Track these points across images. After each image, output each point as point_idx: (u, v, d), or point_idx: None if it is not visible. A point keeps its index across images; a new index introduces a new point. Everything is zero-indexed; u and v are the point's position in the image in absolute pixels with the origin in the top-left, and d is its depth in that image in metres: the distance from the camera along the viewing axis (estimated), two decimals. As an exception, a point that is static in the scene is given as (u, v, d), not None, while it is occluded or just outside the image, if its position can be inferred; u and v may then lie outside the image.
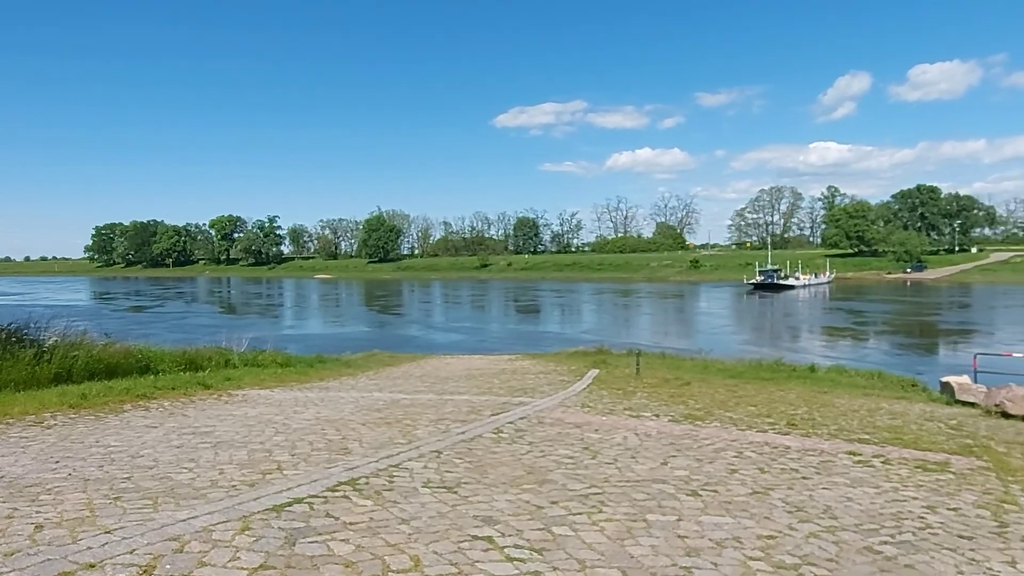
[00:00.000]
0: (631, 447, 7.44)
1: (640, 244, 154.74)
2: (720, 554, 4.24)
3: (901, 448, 7.96)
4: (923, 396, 14.31)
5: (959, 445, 8.28)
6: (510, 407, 10.02)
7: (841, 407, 11.41)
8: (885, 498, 5.76)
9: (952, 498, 5.85)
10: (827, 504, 5.48)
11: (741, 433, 8.57)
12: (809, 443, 8.06)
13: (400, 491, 5.29)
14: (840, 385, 15.73)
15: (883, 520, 5.13)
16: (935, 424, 9.95)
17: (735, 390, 13.28)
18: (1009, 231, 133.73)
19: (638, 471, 6.34)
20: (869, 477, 6.48)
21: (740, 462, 6.90)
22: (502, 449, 7.05)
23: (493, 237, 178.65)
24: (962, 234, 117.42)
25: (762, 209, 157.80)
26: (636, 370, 15.78)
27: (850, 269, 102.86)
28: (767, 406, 11.10)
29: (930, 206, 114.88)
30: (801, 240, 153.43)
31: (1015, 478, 6.68)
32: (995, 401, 11.50)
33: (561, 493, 5.45)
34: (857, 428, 9.26)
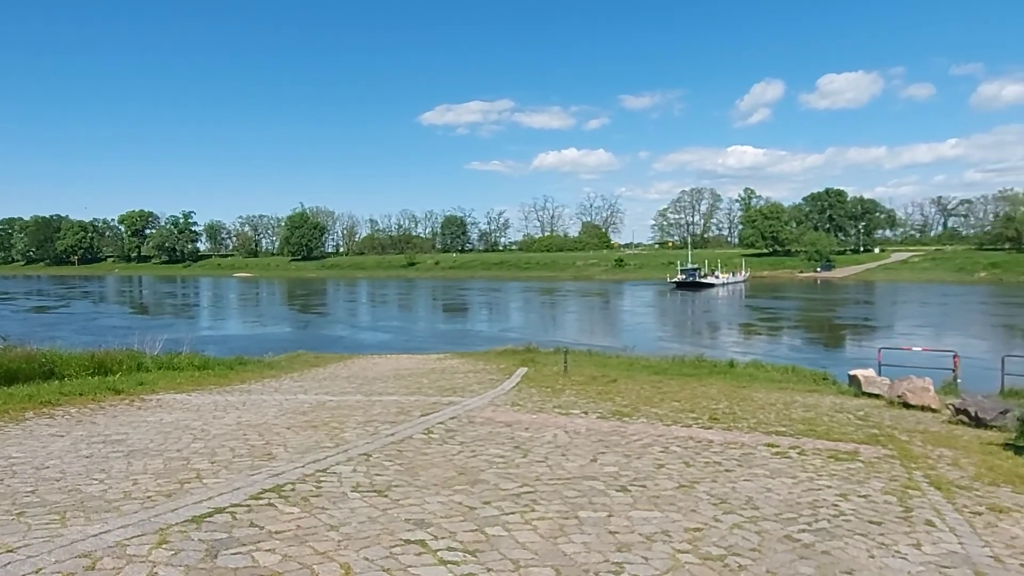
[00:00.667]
0: (561, 445, 7.51)
1: (566, 243, 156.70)
2: (650, 548, 4.33)
3: (815, 439, 8.35)
4: (833, 389, 15.09)
5: (867, 435, 8.76)
6: (440, 407, 9.95)
7: (759, 401, 11.88)
8: (802, 488, 6.02)
9: (862, 485, 6.17)
10: (749, 495, 5.69)
11: (667, 428, 8.80)
12: (731, 436, 8.35)
13: (328, 496, 5.15)
14: (758, 380, 16.38)
15: (801, 509, 5.36)
16: (845, 415, 10.49)
17: (660, 386, 13.62)
18: (907, 233, 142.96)
19: (569, 468, 6.40)
20: (787, 468, 6.76)
21: (667, 457, 7.08)
22: (433, 450, 6.98)
23: (420, 235, 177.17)
24: (866, 235, 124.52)
25: (683, 209, 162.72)
26: (564, 368, 15.96)
27: (765, 268, 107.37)
28: (690, 401, 11.44)
29: (837, 208, 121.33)
30: (720, 240, 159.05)
31: (917, 464, 7.12)
32: (897, 392, 12.23)
33: (493, 493, 5.44)
34: (774, 421, 9.66)
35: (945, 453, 7.76)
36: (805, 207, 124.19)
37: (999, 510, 5.55)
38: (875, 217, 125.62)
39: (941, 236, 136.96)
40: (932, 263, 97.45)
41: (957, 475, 6.73)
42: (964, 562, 4.34)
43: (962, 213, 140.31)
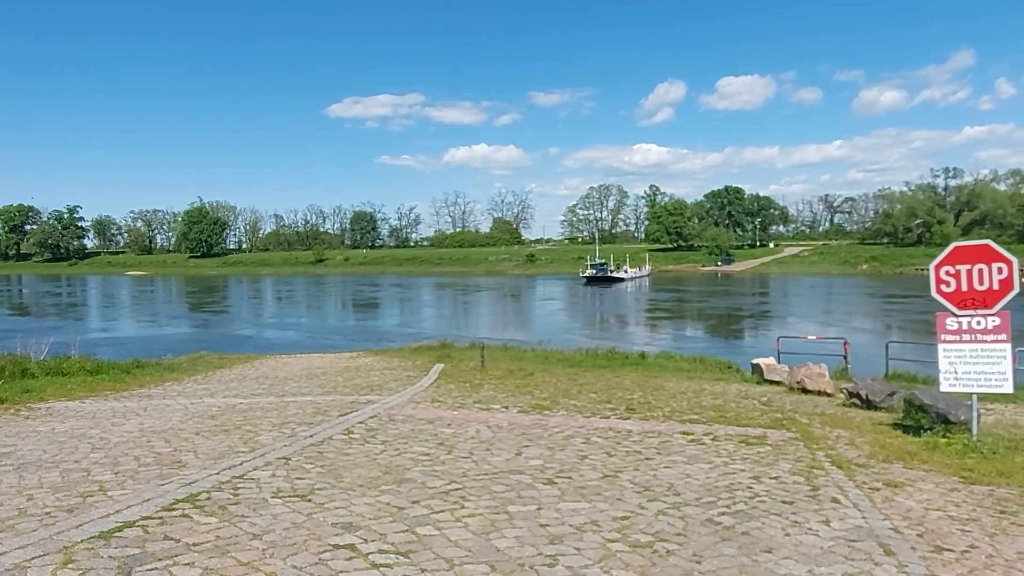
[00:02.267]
0: (485, 440, 7.51)
1: (478, 238, 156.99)
2: (581, 539, 4.39)
3: (725, 425, 8.73)
4: (738, 377, 15.82)
5: (772, 420, 9.24)
6: (358, 406, 9.72)
7: (671, 390, 12.31)
8: (718, 472, 6.28)
9: (772, 468, 6.50)
10: (670, 482, 5.87)
11: (587, 420, 8.96)
12: (648, 426, 8.60)
13: (248, 504, 4.92)
14: (668, 370, 16.97)
15: (719, 493, 5.58)
16: (750, 402, 11.03)
17: (576, 379, 13.87)
18: (798, 228, 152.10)
19: (495, 463, 6.40)
20: (702, 454, 7.03)
21: (589, 448, 7.20)
22: (355, 450, 6.81)
23: (329, 231, 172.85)
24: (762, 230, 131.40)
25: (592, 206, 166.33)
26: (481, 363, 15.98)
27: (670, 262, 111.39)
28: (607, 393, 11.70)
29: (736, 205, 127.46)
30: (628, 235, 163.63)
31: (819, 446, 7.57)
32: (796, 379, 12.97)
33: (421, 491, 5.36)
34: (687, 409, 10.02)
35: (842, 434, 8.28)
36: (706, 204, 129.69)
37: (894, 485, 5.97)
38: (770, 213, 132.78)
39: (828, 231, 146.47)
40: (820, 257, 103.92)
41: (855, 454, 7.19)
42: (869, 535, 4.64)
43: (846, 210, 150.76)
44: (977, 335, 7.35)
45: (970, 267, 7.36)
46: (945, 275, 7.53)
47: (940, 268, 7.57)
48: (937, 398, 8.51)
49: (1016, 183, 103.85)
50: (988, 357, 7.31)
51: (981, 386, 7.43)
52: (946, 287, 7.53)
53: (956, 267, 7.46)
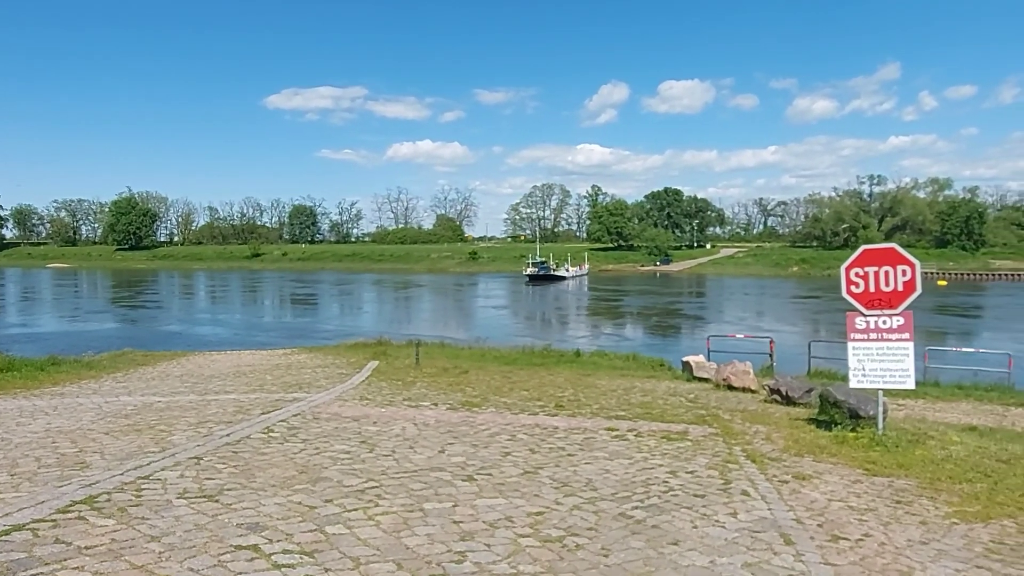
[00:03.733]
0: (409, 437, 7.44)
1: (421, 235, 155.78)
2: (493, 535, 4.39)
3: (650, 422, 8.91)
4: (669, 374, 16.18)
5: (696, 416, 9.48)
6: (283, 404, 9.50)
7: (602, 388, 12.48)
8: (637, 467, 6.39)
9: (689, 462, 6.66)
10: (589, 477, 5.95)
11: (514, 417, 8.99)
12: (574, 422, 8.70)
13: (150, 505, 4.74)
14: (601, 368, 17.21)
15: (635, 487, 5.68)
16: (678, 399, 11.29)
17: (510, 376, 13.92)
18: (734, 230, 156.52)
19: (416, 461, 6.36)
20: (624, 450, 7.15)
21: (513, 445, 7.23)
22: (273, 449, 6.64)
23: (266, 225, 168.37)
24: (699, 232, 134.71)
25: (535, 204, 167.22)
26: (416, 360, 15.85)
27: (611, 262, 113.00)
28: (538, 390, 11.78)
29: (675, 207, 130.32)
30: (570, 234, 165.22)
31: (737, 441, 7.80)
32: (723, 376, 13.35)
33: (336, 490, 5.27)
34: (615, 406, 10.18)
35: (760, 429, 8.56)
36: (646, 204, 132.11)
37: (802, 478, 6.21)
38: (707, 215, 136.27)
39: (762, 234, 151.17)
40: (753, 258, 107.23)
41: (769, 448, 7.45)
42: (772, 526, 4.81)
43: (779, 214, 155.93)
44: (883, 334, 7.71)
45: (877, 269, 7.71)
46: (855, 276, 7.86)
47: (850, 270, 7.90)
48: (849, 394, 8.87)
49: (934, 191, 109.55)
50: (893, 355, 7.67)
51: (887, 382, 7.79)
52: (856, 288, 7.86)
53: (865, 269, 7.80)
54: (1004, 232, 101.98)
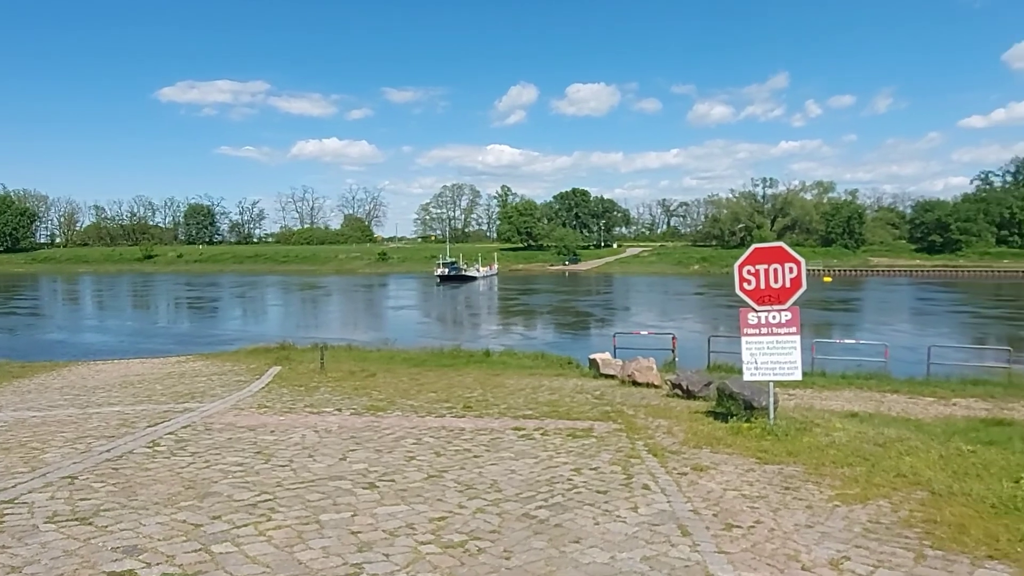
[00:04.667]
0: (309, 445, 7.17)
1: (328, 236, 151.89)
2: (392, 544, 4.27)
3: (557, 420, 8.98)
4: (577, 372, 16.42)
5: (601, 412, 9.64)
6: (173, 415, 8.95)
7: (511, 387, 12.51)
8: (542, 466, 6.41)
9: (593, 459, 6.74)
10: (494, 479, 5.90)
11: (421, 420, 8.85)
12: (481, 423, 8.64)
13: (12, 532, 4.31)
14: (510, 367, 17.26)
15: (539, 487, 5.69)
16: (584, 396, 11.45)
17: (418, 378, 13.73)
18: (639, 230, 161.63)
19: (315, 470, 6.12)
20: (530, 449, 7.16)
21: (418, 448, 7.10)
22: (158, 464, 6.22)
23: (160, 225, 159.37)
24: (606, 231, 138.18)
25: (445, 204, 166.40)
26: (321, 364, 15.37)
27: (521, 262, 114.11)
28: (446, 391, 11.67)
29: (583, 207, 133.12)
30: (480, 234, 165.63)
31: (639, 435, 7.97)
32: (628, 372, 13.66)
33: (225, 506, 4.98)
34: (523, 405, 10.21)
35: (662, 423, 8.80)
36: (555, 205, 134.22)
37: (700, 469, 6.40)
38: (613, 216, 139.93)
39: (665, 234, 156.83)
40: (657, 257, 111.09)
41: (670, 442, 7.65)
42: (670, 518, 4.92)
43: (681, 214, 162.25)
44: (773, 328, 8.08)
45: (767, 267, 8.08)
46: (747, 274, 8.21)
47: (743, 268, 8.25)
48: (744, 386, 9.26)
49: (820, 193, 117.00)
50: (782, 348, 8.06)
51: (776, 374, 8.17)
52: (748, 285, 8.21)
53: (756, 267, 8.16)
54: (880, 231, 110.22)
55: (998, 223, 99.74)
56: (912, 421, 12.21)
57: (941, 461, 6.63)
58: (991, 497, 5.33)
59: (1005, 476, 5.95)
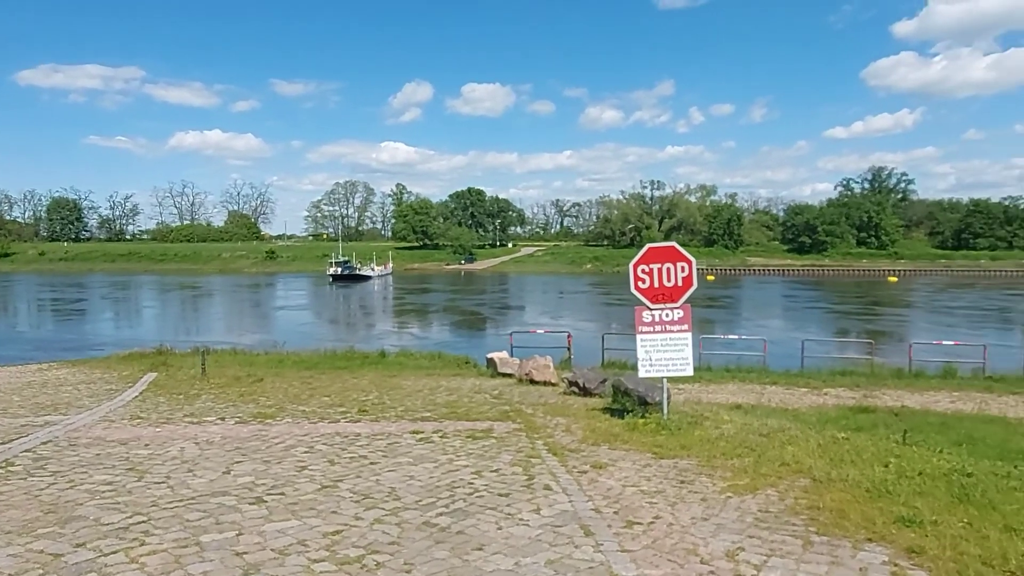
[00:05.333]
0: (189, 459, 6.65)
1: (211, 233, 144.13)
2: (283, 563, 3.98)
3: (456, 421, 8.83)
4: (474, 372, 16.34)
5: (500, 412, 9.58)
6: (30, 430, 8.07)
7: (408, 388, 12.24)
8: (442, 470, 6.24)
9: (494, 460, 6.65)
10: (392, 486, 5.68)
11: (313, 426, 8.45)
12: (378, 427, 8.36)
13: None
14: (407, 368, 16.96)
15: (440, 492, 5.52)
16: (482, 396, 11.36)
17: (310, 382, 13.18)
18: (534, 230, 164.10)
19: (195, 486, 5.66)
20: (429, 453, 6.97)
21: (310, 457, 6.75)
22: (11, 487, 5.55)
23: (18, 220, 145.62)
24: (501, 231, 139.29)
25: (338, 202, 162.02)
26: (202, 370, 14.44)
27: (416, 260, 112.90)
28: (340, 395, 11.25)
29: (478, 206, 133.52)
30: (375, 233, 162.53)
31: (539, 435, 7.97)
32: (525, 371, 13.71)
33: (92, 531, 4.49)
34: (420, 407, 9.99)
35: (561, 421, 8.84)
36: (451, 204, 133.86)
37: (599, 466, 6.46)
38: (508, 215, 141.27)
39: (559, 233, 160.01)
40: (551, 257, 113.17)
41: (569, 440, 7.69)
42: (573, 519, 4.90)
43: (574, 214, 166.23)
44: (666, 326, 8.31)
45: (660, 266, 8.30)
46: (641, 273, 8.39)
47: (637, 267, 8.43)
48: (639, 383, 9.48)
49: (703, 196, 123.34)
50: (674, 345, 8.30)
51: (670, 371, 8.41)
52: (642, 284, 8.39)
53: (650, 266, 8.36)
54: (756, 233, 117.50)
55: (858, 226, 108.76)
56: (790, 411, 13.03)
57: (819, 449, 7.03)
58: (865, 482, 5.68)
59: (876, 461, 6.38)
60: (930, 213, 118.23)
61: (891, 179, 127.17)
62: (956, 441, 9.91)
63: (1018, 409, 14.32)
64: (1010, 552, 4.10)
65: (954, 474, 5.87)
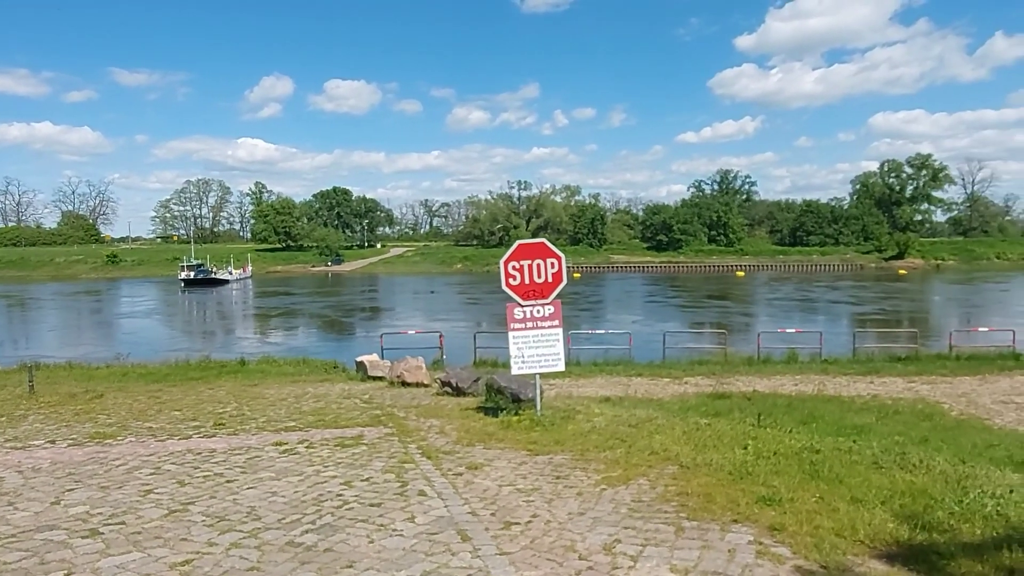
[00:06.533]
0: (10, 490, 5.80)
1: (41, 236, 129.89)
2: (121, 604, 3.50)
3: (323, 429, 8.38)
4: (343, 376, 15.74)
5: (371, 417, 9.21)
6: None
7: (271, 397, 11.53)
8: (308, 484, 5.85)
9: (365, 469, 6.33)
10: (251, 505, 5.23)
11: (161, 444, 7.70)
12: (236, 441, 7.76)
13: None
14: (270, 375, 16.04)
15: (305, 508, 5.15)
16: (352, 401, 10.91)
17: (159, 396, 12.09)
18: (403, 230, 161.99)
19: (17, 521, 4.92)
20: (294, 465, 6.53)
21: (157, 479, 6.10)
22: None
23: None
24: (370, 232, 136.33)
25: (190, 201, 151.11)
26: (30, 388, 12.85)
27: (279, 263, 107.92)
28: (194, 408, 10.39)
29: (344, 206, 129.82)
30: (232, 234, 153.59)
31: (412, 438, 7.72)
32: (396, 373, 13.36)
33: None
34: (285, 417, 9.41)
35: (434, 423, 8.64)
36: (315, 204, 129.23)
37: (475, 467, 6.32)
38: (377, 215, 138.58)
39: (428, 234, 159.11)
40: (421, 257, 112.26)
41: (443, 442, 7.51)
42: (449, 524, 4.72)
43: (443, 214, 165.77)
44: (538, 322, 8.34)
45: (531, 262, 8.31)
46: (512, 270, 8.36)
47: (508, 263, 8.38)
48: (511, 380, 9.48)
49: (568, 196, 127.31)
50: (546, 341, 8.34)
51: (542, 367, 8.45)
52: (513, 280, 8.37)
53: (520, 262, 8.34)
54: (618, 232, 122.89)
55: (709, 224, 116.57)
56: (655, 401, 13.60)
57: (684, 436, 7.31)
58: (728, 465, 5.95)
59: (736, 444, 6.72)
60: (770, 213, 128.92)
61: (737, 181, 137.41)
62: (801, 420, 10.74)
63: (849, 388, 15.82)
64: (858, 523, 4.40)
65: (804, 452, 6.29)
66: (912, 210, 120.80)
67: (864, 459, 6.04)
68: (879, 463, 5.90)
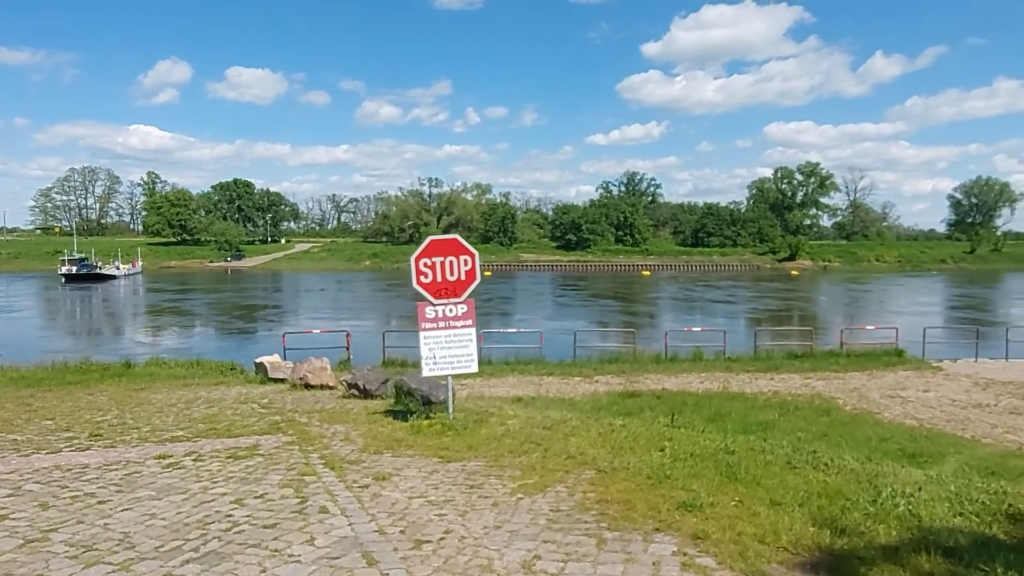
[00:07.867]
0: None
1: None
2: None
3: (215, 439, 7.69)
4: (241, 378, 14.75)
5: (269, 424, 8.56)
6: None
7: (157, 404, 10.59)
8: (193, 503, 5.25)
9: (259, 484, 5.77)
10: (125, 531, 4.60)
11: (24, 460, 6.80)
12: (113, 455, 6.97)
13: None
14: (159, 379, 14.84)
15: (189, 532, 4.58)
16: (249, 406, 10.16)
17: (29, 402, 10.88)
18: (309, 225, 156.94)
19: None
20: (179, 482, 5.88)
21: (15, 502, 5.32)
22: None
23: None
24: (273, 226, 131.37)
25: (74, 191, 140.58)
26: None
27: (174, 258, 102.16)
28: (69, 417, 9.36)
29: (246, 200, 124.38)
30: (121, 227, 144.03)
31: (314, 447, 7.18)
32: (299, 375, 12.63)
33: None
34: (172, 425, 8.61)
35: (339, 429, 8.11)
36: (215, 196, 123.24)
37: (382, 478, 5.89)
38: (281, 210, 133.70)
39: (336, 230, 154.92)
40: (328, 253, 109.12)
41: (348, 450, 7.02)
42: (354, 546, 4.29)
43: (351, 210, 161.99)
44: (450, 322, 7.97)
45: (443, 259, 7.93)
46: (424, 267, 7.96)
47: (419, 260, 7.97)
48: (422, 382, 9.06)
49: (479, 194, 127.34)
50: (459, 341, 7.99)
51: (455, 368, 8.09)
52: (425, 278, 7.96)
53: (432, 259, 7.95)
54: (529, 231, 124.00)
55: (616, 225, 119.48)
56: (567, 400, 13.52)
57: (600, 438, 7.15)
58: (646, 468, 5.80)
59: (652, 446, 6.61)
60: (674, 214, 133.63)
61: (643, 183, 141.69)
62: (709, 418, 10.90)
63: (752, 385, 16.36)
64: (779, 528, 4.31)
65: (720, 453, 6.25)
66: (802, 215, 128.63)
67: (778, 459, 6.06)
68: (792, 463, 5.92)
